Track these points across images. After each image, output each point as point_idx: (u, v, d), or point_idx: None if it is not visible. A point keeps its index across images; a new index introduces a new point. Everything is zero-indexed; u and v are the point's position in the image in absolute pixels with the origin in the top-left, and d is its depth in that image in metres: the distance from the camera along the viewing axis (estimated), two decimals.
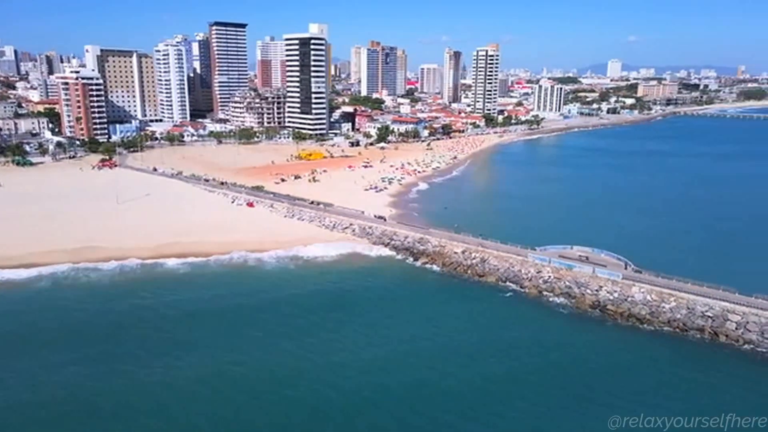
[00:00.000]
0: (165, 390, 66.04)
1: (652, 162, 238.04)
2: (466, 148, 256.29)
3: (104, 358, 72.60)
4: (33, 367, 70.43)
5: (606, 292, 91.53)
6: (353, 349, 75.76)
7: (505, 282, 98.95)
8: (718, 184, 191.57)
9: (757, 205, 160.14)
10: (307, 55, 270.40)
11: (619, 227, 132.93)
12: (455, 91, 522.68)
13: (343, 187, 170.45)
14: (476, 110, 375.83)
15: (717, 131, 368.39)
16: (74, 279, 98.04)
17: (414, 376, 69.40)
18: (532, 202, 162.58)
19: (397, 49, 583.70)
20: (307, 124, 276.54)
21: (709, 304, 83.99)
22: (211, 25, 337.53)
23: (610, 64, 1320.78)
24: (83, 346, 75.57)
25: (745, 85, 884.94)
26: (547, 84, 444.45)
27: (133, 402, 63.61)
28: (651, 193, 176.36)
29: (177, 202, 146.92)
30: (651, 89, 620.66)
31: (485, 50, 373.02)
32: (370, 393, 66.35)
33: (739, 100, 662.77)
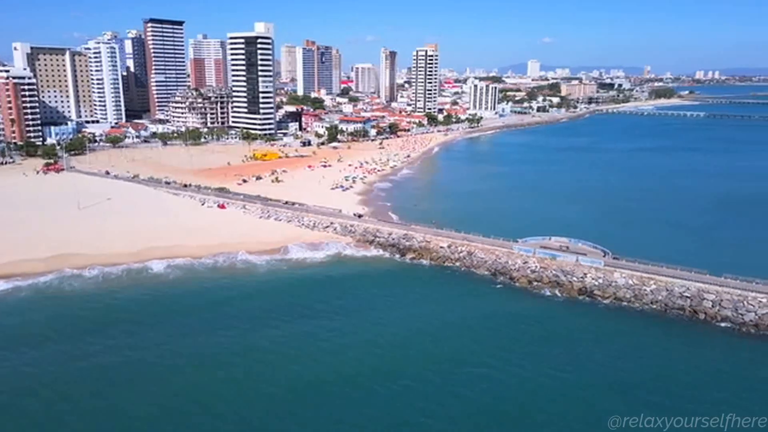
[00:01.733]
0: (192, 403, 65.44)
1: (596, 157, 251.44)
2: (416, 147, 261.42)
3: (116, 366, 70.70)
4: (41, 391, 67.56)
5: (591, 279, 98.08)
6: (365, 349, 76.23)
7: (495, 274, 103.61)
8: (664, 177, 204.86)
9: (702, 195, 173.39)
10: (254, 54, 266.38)
11: (580, 218, 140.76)
12: (392, 91, 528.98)
13: (309, 186, 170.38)
14: (417, 109, 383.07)
15: (643, 127, 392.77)
16: (58, 288, 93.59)
17: (429, 368, 71.96)
18: (494, 196, 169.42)
19: (332, 49, 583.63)
20: (254, 124, 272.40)
21: (686, 285, 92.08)
22: (146, 22, 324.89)
23: (529, 64, 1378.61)
24: (89, 355, 73.10)
25: (652, 84, 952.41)
26: (482, 84, 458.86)
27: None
28: (603, 186, 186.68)
29: (144, 206, 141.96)
30: (573, 88, 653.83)
31: (425, 50, 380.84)
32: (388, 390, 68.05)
33: (651, 99, 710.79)
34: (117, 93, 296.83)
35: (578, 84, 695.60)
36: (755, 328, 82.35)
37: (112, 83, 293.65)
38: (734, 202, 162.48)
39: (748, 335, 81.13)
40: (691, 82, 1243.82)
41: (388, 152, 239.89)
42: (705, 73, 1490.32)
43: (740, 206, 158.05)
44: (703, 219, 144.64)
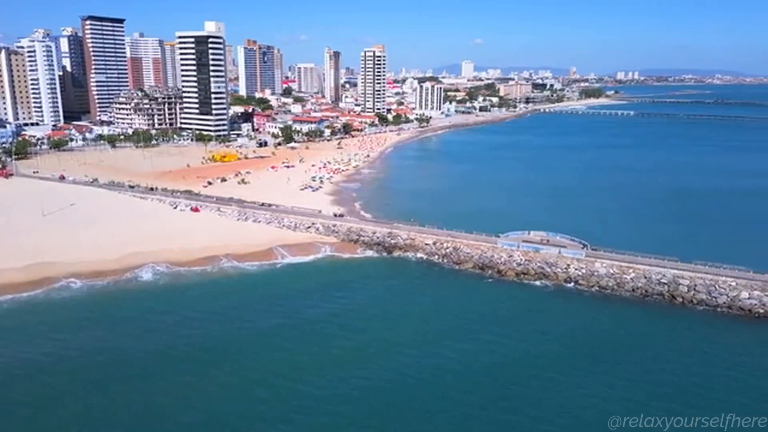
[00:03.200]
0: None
1: (551, 154, 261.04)
2: (374, 147, 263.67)
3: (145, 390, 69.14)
4: None
5: (574, 269, 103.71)
6: (381, 353, 76.02)
7: (483, 268, 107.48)
8: (618, 172, 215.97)
9: (656, 188, 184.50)
10: (205, 53, 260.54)
11: (547, 213, 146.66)
12: (337, 91, 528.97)
13: (277, 187, 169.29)
14: (366, 109, 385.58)
15: (583, 125, 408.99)
16: (46, 301, 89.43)
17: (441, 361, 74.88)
18: (462, 193, 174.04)
19: (273, 48, 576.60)
20: (207, 125, 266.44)
21: (662, 273, 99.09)
22: (84, 19, 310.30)
23: (463, 64, 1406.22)
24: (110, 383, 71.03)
25: (579, 85, 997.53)
26: (427, 84, 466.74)
27: None
28: (565, 182, 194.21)
29: (113, 211, 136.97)
30: (510, 88, 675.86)
31: (372, 51, 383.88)
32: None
33: (582, 98, 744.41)
34: (54, 94, 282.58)
35: (515, 84, 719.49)
36: (728, 309, 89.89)
37: (49, 83, 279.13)
38: (686, 194, 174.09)
39: (723, 315, 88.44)
40: (613, 82, 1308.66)
41: (348, 152, 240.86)
42: (625, 74, 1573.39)
43: (692, 198, 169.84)
44: (661, 210, 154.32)
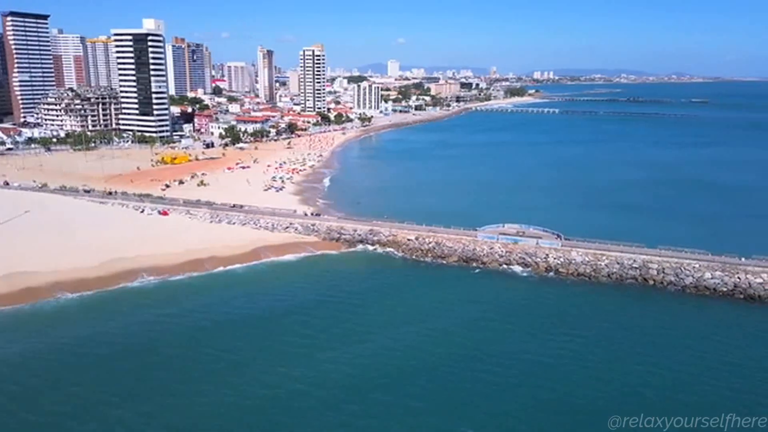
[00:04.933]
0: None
1: (498, 151, 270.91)
2: (324, 146, 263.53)
3: None
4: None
5: (553, 259, 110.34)
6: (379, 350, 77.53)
7: (467, 261, 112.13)
8: (567, 166, 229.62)
9: (604, 179, 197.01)
10: (145, 52, 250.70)
11: (514, 205, 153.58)
12: (271, 90, 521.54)
13: (239, 189, 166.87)
14: (307, 108, 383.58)
15: (518, 123, 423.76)
16: (35, 315, 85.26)
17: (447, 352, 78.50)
18: (426, 189, 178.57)
19: (203, 46, 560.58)
20: (148, 126, 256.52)
21: (632, 258, 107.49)
22: (5, 15, 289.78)
23: (389, 64, 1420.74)
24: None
25: (501, 84, 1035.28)
26: (365, 84, 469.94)
27: None
28: (521, 177, 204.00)
29: (76, 216, 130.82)
30: (441, 87, 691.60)
31: (311, 50, 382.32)
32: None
33: (507, 97, 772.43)
34: None
35: (445, 84, 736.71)
36: (695, 288, 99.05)
37: None
38: (630, 185, 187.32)
39: (691, 295, 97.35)
40: (531, 81, 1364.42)
41: (300, 152, 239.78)
42: (542, 74, 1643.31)
43: (637, 187, 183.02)
44: (615, 199, 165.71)
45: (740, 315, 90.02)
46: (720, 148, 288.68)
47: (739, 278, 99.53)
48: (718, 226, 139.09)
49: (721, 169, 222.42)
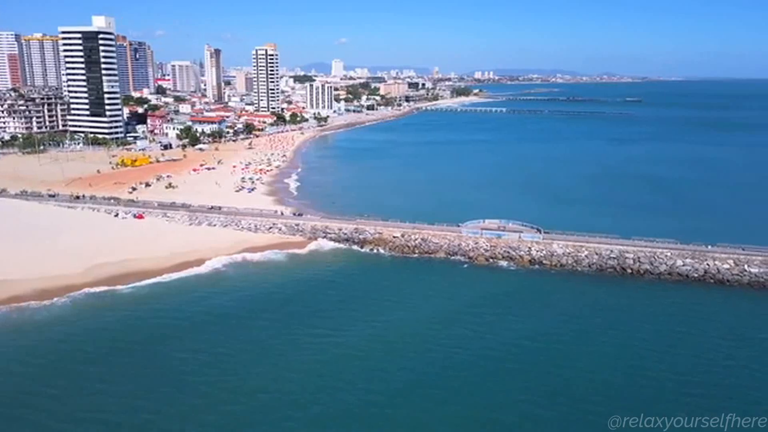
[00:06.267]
0: None
1: (459, 149, 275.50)
2: (285, 146, 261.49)
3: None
4: None
5: (536, 251, 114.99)
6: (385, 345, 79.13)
7: (454, 255, 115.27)
8: (531, 162, 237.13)
9: (567, 175, 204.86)
10: (96, 50, 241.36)
11: (489, 202, 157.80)
12: (219, 89, 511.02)
13: (209, 190, 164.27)
14: (260, 108, 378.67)
15: (471, 122, 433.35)
16: (27, 322, 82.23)
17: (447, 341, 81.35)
18: (400, 187, 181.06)
19: (145, 44, 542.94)
20: (101, 127, 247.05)
21: (610, 249, 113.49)
22: None
23: (333, 63, 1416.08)
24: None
25: (445, 83, 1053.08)
26: (318, 83, 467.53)
27: None
28: (490, 174, 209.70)
29: (48, 222, 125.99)
30: (390, 87, 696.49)
31: (264, 49, 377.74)
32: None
33: (454, 97, 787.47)
34: None
35: (393, 83, 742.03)
36: (669, 275, 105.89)
37: None
38: (588, 179, 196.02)
39: (666, 281, 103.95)
40: (473, 81, 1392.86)
41: (262, 152, 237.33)
42: (482, 73, 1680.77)
43: (594, 182, 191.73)
44: (577, 194, 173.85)
45: (716, 300, 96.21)
46: (663, 144, 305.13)
47: (708, 264, 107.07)
48: (679, 216, 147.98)
49: (668, 164, 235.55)
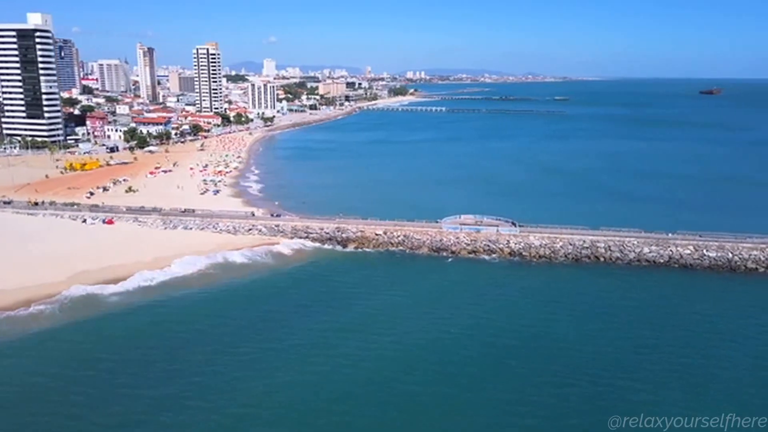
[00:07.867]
0: None
1: (408, 149, 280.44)
2: (237, 147, 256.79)
3: None
4: None
5: (515, 244, 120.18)
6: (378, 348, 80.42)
7: (437, 251, 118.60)
8: (481, 159, 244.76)
9: (516, 172, 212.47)
10: (32, 49, 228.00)
11: (456, 198, 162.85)
12: (154, 89, 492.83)
13: (172, 193, 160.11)
14: (203, 109, 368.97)
15: (414, 121, 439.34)
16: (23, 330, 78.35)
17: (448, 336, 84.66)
18: (365, 185, 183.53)
19: (71, 42, 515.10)
20: (39, 130, 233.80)
21: (582, 239, 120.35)
22: None
23: (265, 62, 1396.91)
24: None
25: (380, 83, 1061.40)
26: (259, 82, 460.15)
27: None
28: (448, 171, 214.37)
29: (13, 230, 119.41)
30: (329, 87, 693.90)
31: (206, 48, 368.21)
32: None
33: (391, 96, 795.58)
34: None
35: (332, 83, 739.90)
36: (638, 262, 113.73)
37: None
38: (556, 174, 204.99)
39: (636, 267, 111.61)
40: (405, 80, 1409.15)
41: (217, 153, 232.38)
42: (414, 73, 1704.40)
43: (546, 176, 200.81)
44: (541, 188, 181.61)
45: (684, 283, 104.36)
46: (604, 140, 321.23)
47: (672, 251, 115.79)
48: (636, 206, 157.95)
49: (612, 157, 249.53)
